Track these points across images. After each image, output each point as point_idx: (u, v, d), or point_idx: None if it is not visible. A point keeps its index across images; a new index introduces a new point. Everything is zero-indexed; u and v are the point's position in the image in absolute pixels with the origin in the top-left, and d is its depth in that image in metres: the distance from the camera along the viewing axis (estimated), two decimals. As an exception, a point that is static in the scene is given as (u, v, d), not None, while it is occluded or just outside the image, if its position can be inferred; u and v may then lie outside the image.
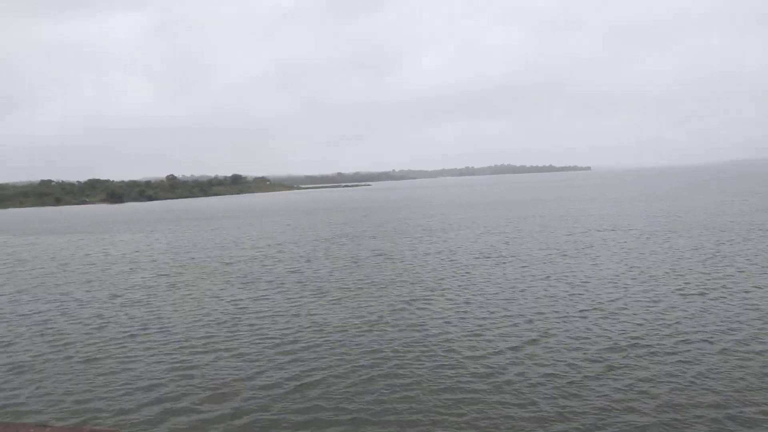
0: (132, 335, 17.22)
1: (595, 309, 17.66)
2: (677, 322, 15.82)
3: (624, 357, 13.35)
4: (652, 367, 12.66)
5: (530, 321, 16.66)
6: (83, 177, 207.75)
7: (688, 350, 13.61)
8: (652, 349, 13.75)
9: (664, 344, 14.09)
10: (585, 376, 12.32)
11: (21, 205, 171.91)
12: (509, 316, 17.37)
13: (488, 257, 28.90)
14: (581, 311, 17.47)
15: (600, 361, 13.15)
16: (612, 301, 18.57)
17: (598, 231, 38.09)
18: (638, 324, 15.84)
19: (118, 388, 12.93)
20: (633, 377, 12.13)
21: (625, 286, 20.68)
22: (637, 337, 14.68)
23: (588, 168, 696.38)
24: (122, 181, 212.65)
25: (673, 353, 13.44)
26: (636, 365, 12.79)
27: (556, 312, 17.53)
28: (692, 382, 11.75)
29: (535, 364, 13.24)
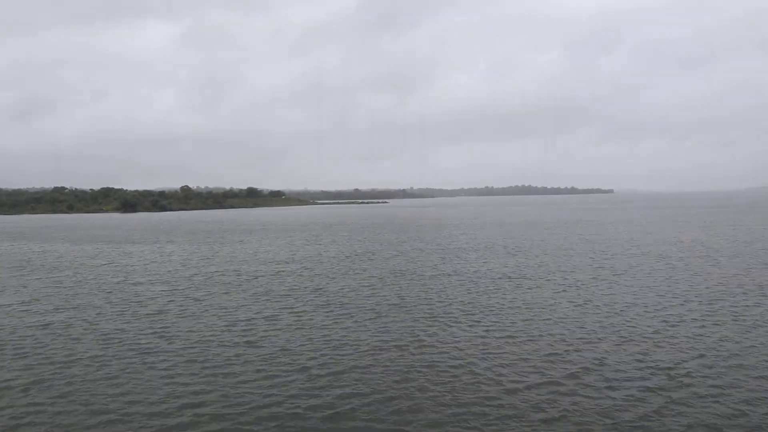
0: (150, 350, 16.47)
1: (628, 337, 16.67)
2: (715, 351, 14.77)
3: (666, 386, 12.35)
4: (693, 395, 11.65)
5: (561, 346, 15.68)
6: (99, 185, 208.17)
7: (729, 381, 12.64)
8: (690, 378, 12.74)
9: (699, 372, 13.06)
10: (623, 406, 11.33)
11: (33, 211, 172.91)
12: (538, 340, 16.44)
13: (513, 279, 27.89)
14: (615, 339, 16.46)
15: (643, 393, 12.16)
16: (651, 329, 17.52)
17: (627, 256, 36.93)
18: (672, 352, 14.82)
19: (127, 404, 12.15)
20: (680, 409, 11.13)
21: (656, 313, 19.64)
22: (667, 362, 13.67)
23: (611, 191, 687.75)
24: (136, 191, 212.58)
25: (714, 384, 12.42)
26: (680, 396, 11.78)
27: (587, 338, 16.58)
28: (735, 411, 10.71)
29: (569, 391, 12.27)
